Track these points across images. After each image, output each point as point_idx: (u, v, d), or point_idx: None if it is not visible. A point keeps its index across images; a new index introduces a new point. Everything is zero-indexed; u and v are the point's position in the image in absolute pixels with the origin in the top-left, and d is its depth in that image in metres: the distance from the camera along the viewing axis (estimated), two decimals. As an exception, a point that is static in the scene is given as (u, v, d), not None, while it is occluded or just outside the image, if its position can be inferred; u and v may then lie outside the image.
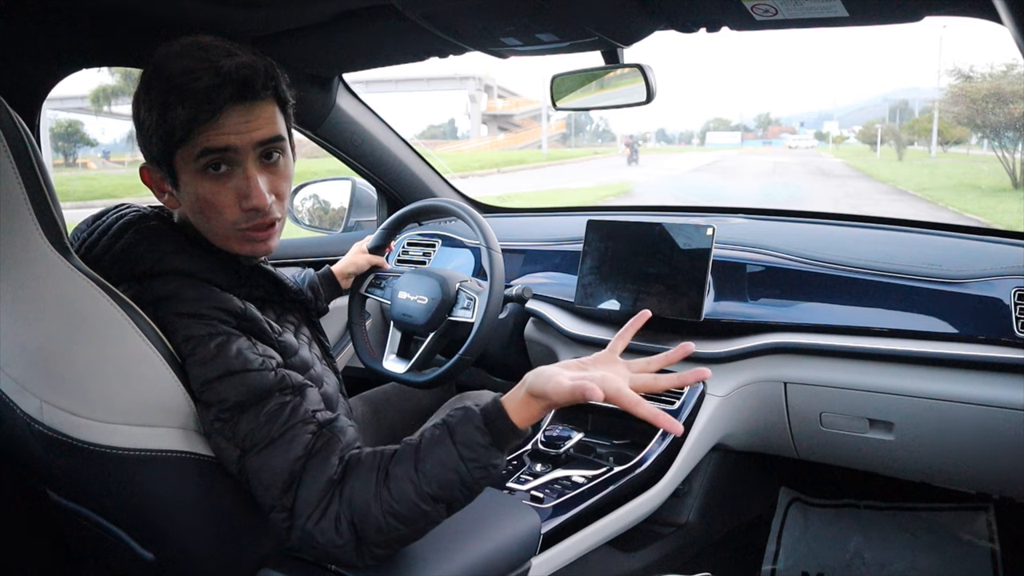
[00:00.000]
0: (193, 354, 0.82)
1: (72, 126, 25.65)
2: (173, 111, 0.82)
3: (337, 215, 2.15)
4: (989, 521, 1.68)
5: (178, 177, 0.87)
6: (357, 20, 1.29)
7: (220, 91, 0.82)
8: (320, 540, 0.79)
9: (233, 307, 0.86)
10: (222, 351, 0.82)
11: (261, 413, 0.81)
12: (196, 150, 0.84)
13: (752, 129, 69.38)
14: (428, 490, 0.79)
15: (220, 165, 0.86)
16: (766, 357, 1.39)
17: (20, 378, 0.78)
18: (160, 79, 0.83)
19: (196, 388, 0.81)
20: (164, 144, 0.84)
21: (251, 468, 0.80)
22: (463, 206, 1.52)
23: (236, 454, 0.81)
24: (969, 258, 1.35)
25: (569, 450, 1.29)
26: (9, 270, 0.75)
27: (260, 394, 0.82)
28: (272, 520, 0.81)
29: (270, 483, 0.79)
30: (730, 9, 1.11)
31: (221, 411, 0.81)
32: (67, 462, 0.82)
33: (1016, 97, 16.42)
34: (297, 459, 0.80)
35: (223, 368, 0.81)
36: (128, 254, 0.88)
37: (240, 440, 0.80)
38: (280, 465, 0.80)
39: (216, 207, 0.87)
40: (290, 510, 0.79)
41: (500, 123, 49.86)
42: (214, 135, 0.83)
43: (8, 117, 0.74)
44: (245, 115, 0.85)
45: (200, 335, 0.82)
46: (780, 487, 1.87)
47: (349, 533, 0.79)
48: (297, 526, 0.79)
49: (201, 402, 0.82)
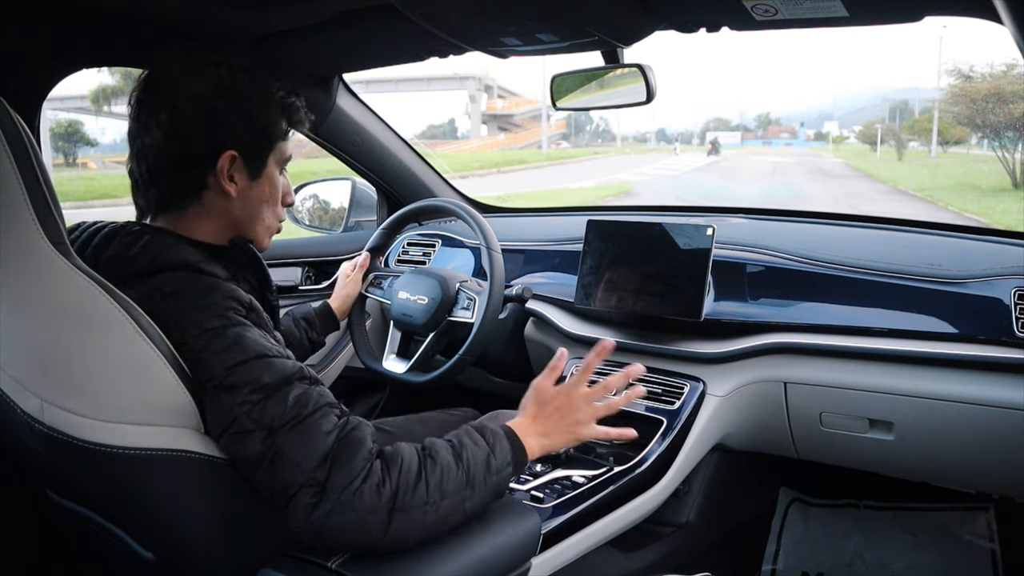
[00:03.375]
0: (211, 345, 0.83)
1: (72, 126, 25.62)
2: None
3: (337, 215, 2.15)
4: (989, 521, 1.68)
5: (264, 170, 1.00)
6: (357, 20, 1.29)
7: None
8: (357, 506, 0.80)
9: (241, 297, 0.89)
10: (241, 339, 0.84)
11: (289, 396, 0.83)
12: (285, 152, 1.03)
13: (752, 129, 69.37)
14: (467, 466, 0.89)
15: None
16: (766, 357, 1.39)
17: (21, 378, 0.78)
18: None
19: (219, 375, 0.82)
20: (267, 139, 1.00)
21: (281, 447, 0.81)
22: (463, 206, 1.52)
23: (262, 436, 0.81)
24: (969, 258, 1.35)
25: (569, 450, 1.29)
26: (9, 270, 0.75)
27: (285, 378, 0.84)
28: (296, 502, 0.81)
29: (302, 458, 0.81)
30: (730, 9, 1.11)
31: (251, 391, 0.81)
32: (68, 462, 0.82)
33: (1016, 97, 16.41)
34: (330, 433, 0.83)
35: (248, 352, 0.83)
36: (124, 255, 0.89)
37: (268, 421, 0.81)
38: (314, 440, 0.82)
39: (277, 201, 1.04)
40: (322, 484, 0.80)
41: (500, 123, 49.86)
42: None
43: (8, 117, 0.74)
44: None
45: (216, 326, 0.84)
46: (780, 487, 1.87)
47: (389, 498, 0.82)
48: (330, 499, 0.80)
49: (224, 388, 0.82)
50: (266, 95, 0.98)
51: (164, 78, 0.94)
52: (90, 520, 0.93)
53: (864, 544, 1.74)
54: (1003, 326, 1.23)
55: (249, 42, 1.42)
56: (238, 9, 1.24)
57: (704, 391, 1.40)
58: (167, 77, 0.94)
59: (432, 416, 1.51)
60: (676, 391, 1.41)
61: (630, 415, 1.41)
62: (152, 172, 0.94)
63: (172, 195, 0.96)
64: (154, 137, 0.92)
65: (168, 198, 0.96)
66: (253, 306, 0.90)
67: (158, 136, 0.92)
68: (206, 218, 0.98)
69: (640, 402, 1.42)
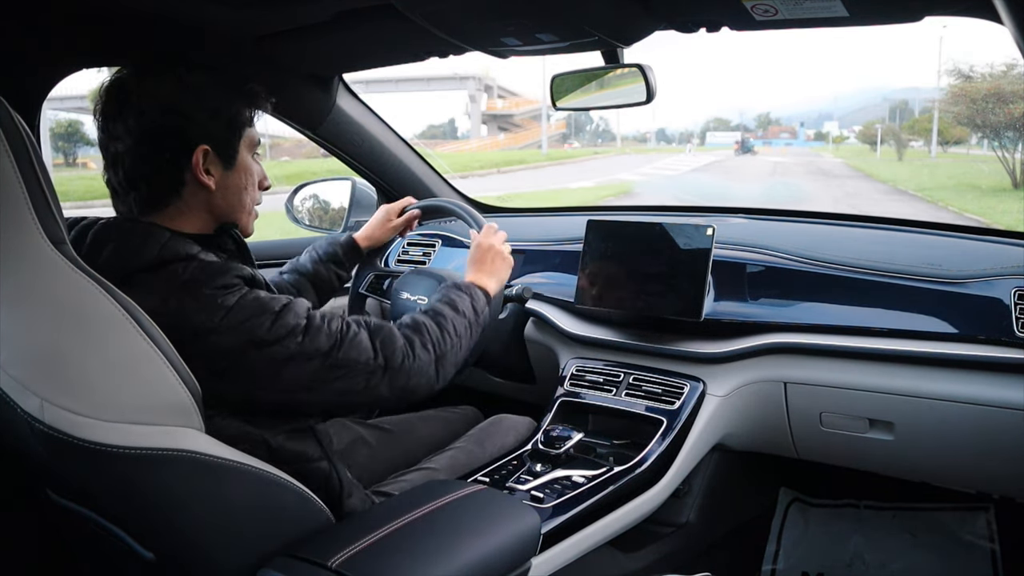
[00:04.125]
0: (239, 314, 0.90)
1: (72, 126, 25.59)
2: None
3: (337, 215, 2.14)
4: (989, 521, 1.68)
5: (237, 158, 1.03)
6: (357, 20, 1.29)
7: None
8: (417, 365, 1.04)
9: (244, 272, 0.95)
10: (259, 301, 0.93)
11: (327, 325, 0.97)
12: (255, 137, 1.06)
13: (752, 129, 69.34)
14: (463, 313, 1.16)
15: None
16: (766, 357, 1.39)
17: (21, 377, 0.78)
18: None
19: (264, 333, 0.91)
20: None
21: (343, 357, 0.97)
22: (463, 206, 1.52)
23: (319, 360, 0.95)
24: (969, 258, 1.35)
25: (569, 450, 1.29)
26: (9, 270, 0.75)
27: (309, 314, 0.97)
28: (369, 385, 0.99)
29: (361, 355, 0.99)
30: (730, 9, 1.11)
31: (304, 327, 0.94)
32: (68, 461, 0.82)
33: (1016, 97, 16.39)
34: (372, 333, 1.02)
35: (280, 303, 0.94)
36: (126, 250, 0.91)
37: (321, 345, 0.95)
38: (364, 342, 1.00)
39: (254, 185, 1.08)
40: (384, 364, 1.01)
41: (500, 123, 49.83)
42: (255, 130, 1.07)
43: (8, 117, 0.74)
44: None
45: (233, 302, 0.91)
46: (780, 487, 1.87)
47: (433, 351, 1.07)
48: (394, 367, 1.01)
49: (272, 340, 0.91)
50: (226, 86, 1.01)
51: (125, 86, 0.96)
52: (90, 520, 0.93)
53: (864, 544, 1.74)
54: (1003, 326, 1.23)
55: (249, 42, 1.42)
56: (238, 9, 1.24)
57: (704, 391, 1.40)
58: (128, 85, 0.96)
59: (432, 414, 1.52)
60: (676, 391, 1.41)
61: (630, 415, 1.41)
62: (129, 177, 0.97)
63: (152, 196, 0.98)
64: (125, 144, 0.95)
65: (149, 200, 0.98)
66: (256, 278, 0.97)
67: (129, 143, 0.95)
68: (189, 212, 1.00)
69: (640, 402, 1.42)
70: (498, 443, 1.37)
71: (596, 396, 1.47)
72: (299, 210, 2.14)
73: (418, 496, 1.03)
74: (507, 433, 1.40)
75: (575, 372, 1.53)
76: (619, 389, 1.46)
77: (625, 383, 1.46)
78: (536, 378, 1.74)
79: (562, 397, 1.50)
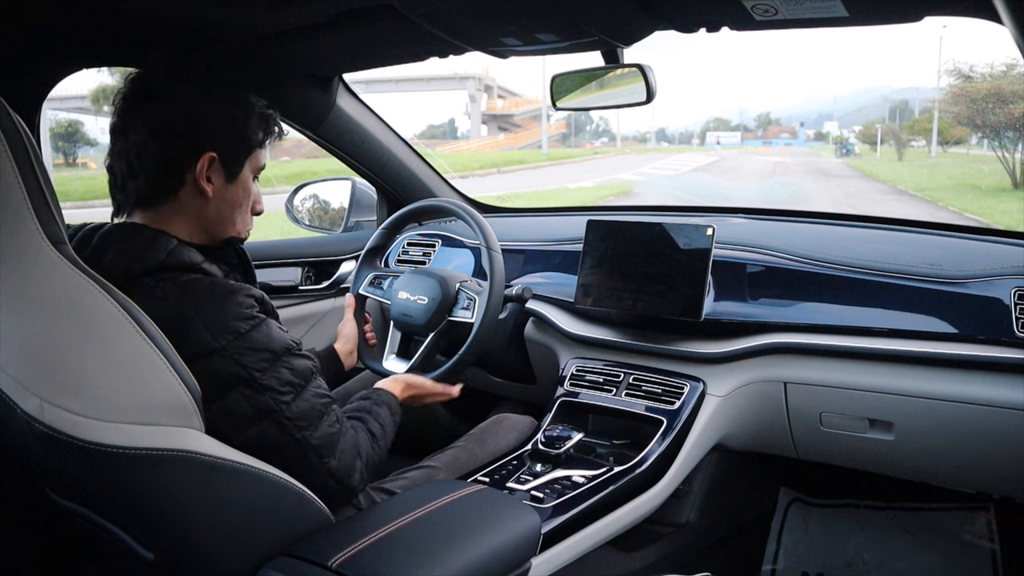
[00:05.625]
0: (246, 343, 0.91)
1: (72, 126, 25.61)
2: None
3: (337, 215, 2.15)
4: (989, 521, 1.68)
5: (240, 173, 1.04)
6: (357, 20, 1.29)
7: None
8: (352, 486, 1.03)
9: (255, 294, 0.96)
10: (269, 337, 0.94)
11: (317, 400, 0.99)
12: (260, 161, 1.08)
13: (752, 129, 69.35)
14: (382, 423, 1.17)
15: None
16: (766, 357, 1.39)
17: (21, 377, 0.78)
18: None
19: (259, 376, 0.92)
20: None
21: (312, 442, 0.97)
22: (463, 206, 1.52)
23: (290, 430, 0.95)
24: (969, 258, 1.35)
25: (569, 450, 1.29)
26: (9, 270, 0.75)
27: (306, 375, 0.98)
28: (308, 472, 0.97)
29: (323, 453, 0.99)
30: (730, 9, 1.11)
31: (299, 385, 0.96)
32: (68, 461, 0.82)
33: (1016, 97, 16.37)
34: (332, 426, 1.01)
35: (284, 346, 0.96)
36: (129, 252, 0.92)
37: (298, 419, 0.96)
38: (337, 443, 1.00)
39: (249, 207, 1.09)
40: (333, 471, 1.00)
41: (500, 123, 49.81)
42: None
43: (8, 117, 0.74)
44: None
45: (244, 329, 0.92)
46: (780, 487, 1.87)
47: (364, 462, 1.06)
48: (337, 477, 1.01)
49: (261, 386, 0.92)
50: (248, 103, 1.04)
51: (153, 78, 0.98)
52: (90, 520, 0.93)
53: (864, 544, 1.74)
54: (1003, 326, 1.23)
55: (249, 42, 1.42)
56: (238, 9, 1.24)
57: (704, 391, 1.40)
58: (156, 77, 0.98)
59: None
60: (676, 391, 1.41)
61: (630, 415, 1.41)
62: (133, 168, 0.98)
63: (149, 189, 0.99)
64: (139, 134, 0.96)
65: (145, 192, 0.99)
66: (265, 300, 0.98)
67: (142, 134, 0.96)
68: (179, 216, 1.01)
69: (640, 402, 1.42)
70: (500, 442, 1.38)
71: (596, 396, 1.47)
72: (299, 210, 2.14)
73: (418, 496, 1.03)
74: (509, 432, 1.40)
75: (575, 372, 1.53)
76: (619, 389, 1.46)
77: (625, 383, 1.46)
78: (536, 378, 1.74)
79: (562, 397, 1.50)
